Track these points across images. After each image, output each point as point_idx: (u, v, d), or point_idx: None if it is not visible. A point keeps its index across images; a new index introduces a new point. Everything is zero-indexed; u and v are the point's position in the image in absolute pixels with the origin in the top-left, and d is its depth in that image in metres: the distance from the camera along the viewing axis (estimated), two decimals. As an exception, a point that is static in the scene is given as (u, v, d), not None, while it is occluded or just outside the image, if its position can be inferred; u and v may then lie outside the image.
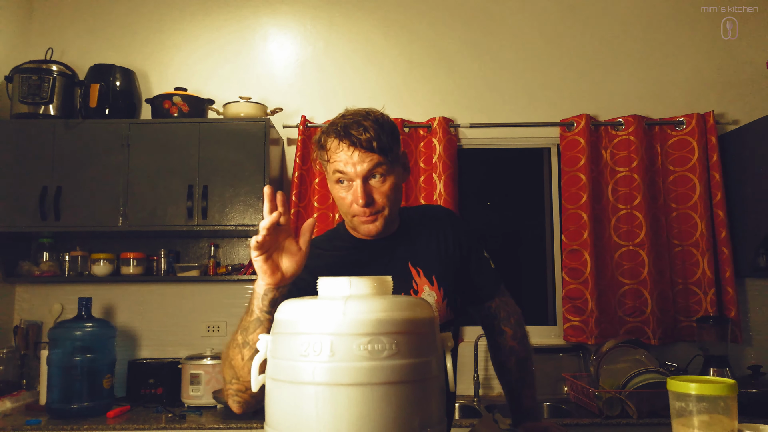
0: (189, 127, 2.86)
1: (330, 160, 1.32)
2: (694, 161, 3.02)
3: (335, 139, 1.31)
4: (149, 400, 2.79)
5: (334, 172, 1.32)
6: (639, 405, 2.46)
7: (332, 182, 1.36)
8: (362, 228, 1.37)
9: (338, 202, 1.37)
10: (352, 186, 1.32)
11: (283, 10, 3.31)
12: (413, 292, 1.40)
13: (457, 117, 3.19)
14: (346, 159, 1.30)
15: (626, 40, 3.27)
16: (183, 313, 3.12)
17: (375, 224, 1.36)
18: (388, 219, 1.37)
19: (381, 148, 1.30)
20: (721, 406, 1.02)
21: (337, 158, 1.31)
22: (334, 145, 1.31)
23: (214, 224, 2.79)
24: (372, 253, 1.42)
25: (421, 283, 1.41)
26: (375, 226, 1.36)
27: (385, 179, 1.33)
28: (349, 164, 1.30)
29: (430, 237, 1.48)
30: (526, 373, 1.59)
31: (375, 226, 1.36)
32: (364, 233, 1.38)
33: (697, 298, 2.97)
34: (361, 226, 1.37)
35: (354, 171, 1.30)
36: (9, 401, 2.63)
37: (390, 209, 1.36)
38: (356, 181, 1.31)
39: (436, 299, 1.41)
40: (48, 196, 2.79)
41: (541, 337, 3.16)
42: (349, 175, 1.31)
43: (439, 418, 0.95)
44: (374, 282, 0.98)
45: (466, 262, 1.52)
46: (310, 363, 0.88)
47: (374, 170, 1.31)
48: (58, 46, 3.18)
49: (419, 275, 1.42)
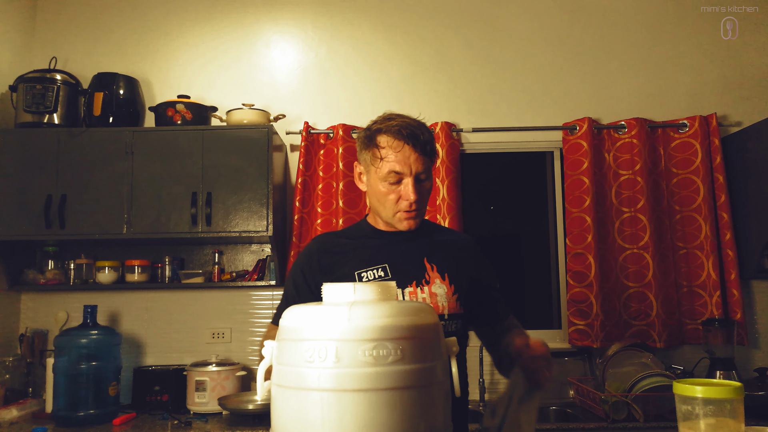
0: (192, 135, 2.87)
1: (385, 158, 1.43)
2: (697, 163, 3.02)
3: (395, 139, 1.43)
4: (155, 407, 2.79)
5: (390, 170, 1.43)
6: (645, 408, 2.45)
7: (380, 179, 1.46)
8: (403, 223, 1.49)
9: (381, 197, 1.48)
10: (401, 184, 1.44)
11: (285, 16, 3.32)
12: (425, 281, 1.47)
13: (459, 121, 3.19)
14: (404, 159, 1.42)
15: (628, 43, 3.27)
16: (188, 320, 3.12)
17: (415, 220, 1.49)
18: (423, 216, 1.52)
19: (431, 152, 1.47)
20: (728, 409, 1.02)
21: (395, 157, 1.42)
22: (393, 144, 1.43)
23: (218, 231, 2.80)
24: (392, 243, 1.53)
25: (433, 276, 1.49)
26: (415, 222, 1.49)
27: (428, 180, 1.48)
28: (406, 164, 1.42)
29: (450, 246, 1.58)
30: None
31: (415, 222, 1.49)
32: (405, 228, 1.49)
33: (703, 301, 2.96)
34: (403, 222, 1.48)
35: (409, 170, 1.43)
36: (15, 409, 2.63)
37: (425, 207, 1.52)
38: (407, 179, 1.43)
39: (447, 291, 1.49)
40: (53, 205, 2.80)
41: (546, 341, 3.14)
42: (404, 174, 1.43)
43: (444, 424, 0.95)
44: (379, 287, 0.98)
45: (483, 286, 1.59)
46: (315, 369, 0.88)
47: (424, 171, 1.45)
48: (61, 55, 3.20)
49: (432, 270, 1.50)
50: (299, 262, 1.59)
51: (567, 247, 3.06)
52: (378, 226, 1.57)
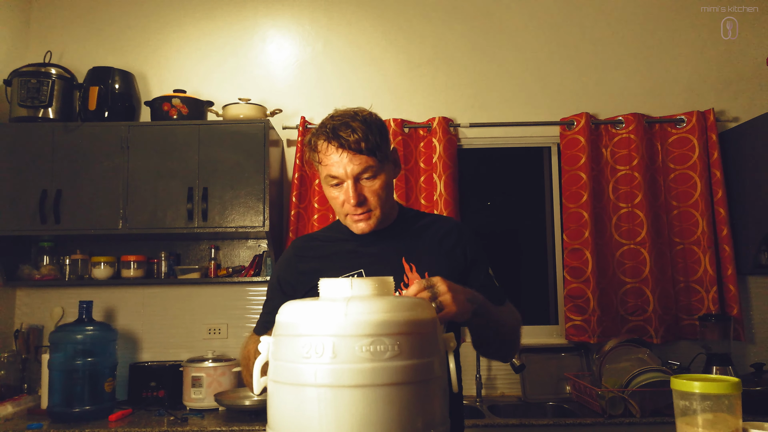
0: (188, 129, 2.85)
1: (321, 162, 1.37)
2: (694, 159, 3.02)
3: (324, 141, 1.35)
4: (151, 403, 2.79)
5: (326, 174, 1.37)
6: (642, 404, 2.45)
7: (324, 183, 1.41)
8: (355, 226, 1.42)
9: (331, 202, 1.43)
10: (343, 186, 1.37)
11: (282, 11, 3.31)
12: (403, 285, 1.40)
13: (456, 117, 3.18)
14: (337, 161, 1.34)
15: (626, 38, 3.26)
16: (184, 316, 3.12)
17: (368, 222, 1.41)
18: (381, 216, 1.42)
19: (369, 148, 1.33)
20: (726, 405, 1.02)
21: (328, 161, 1.35)
22: (324, 147, 1.35)
23: (215, 226, 2.79)
24: (369, 244, 1.46)
25: (413, 277, 1.41)
26: (368, 224, 1.41)
27: (375, 178, 1.37)
28: (340, 166, 1.34)
29: (432, 238, 1.49)
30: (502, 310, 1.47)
31: (368, 224, 1.41)
32: (358, 231, 1.42)
33: (699, 296, 2.96)
34: (354, 225, 1.42)
35: (344, 172, 1.34)
36: (10, 405, 2.62)
37: (382, 207, 1.41)
38: (347, 181, 1.35)
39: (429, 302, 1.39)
40: (48, 200, 2.78)
41: (542, 337, 3.16)
42: (340, 177, 1.35)
43: (442, 419, 0.95)
44: (376, 283, 0.98)
45: (469, 272, 1.49)
46: (312, 365, 0.88)
47: (364, 171, 1.35)
48: (56, 50, 3.18)
49: (411, 270, 1.42)
50: (276, 270, 1.55)
51: (564, 242, 3.06)
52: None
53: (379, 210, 1.40)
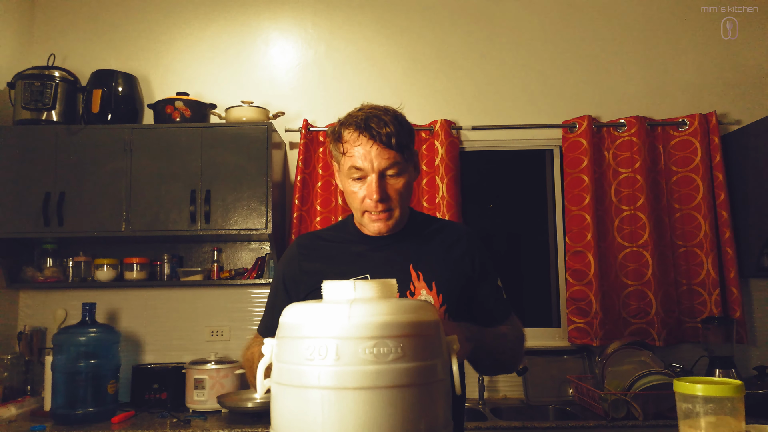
0: (191, 132, 2.86)
1: (346, 153, 1.32)
2: (697, 162, 3.02)
3: (354, 131, 1.31)
4: (153, 405, 2.79)
5: (351, 166, 1.31)
6: (645, 407, 2.45)
7: (345, 176, 1.34)
8: (372, 225, 1.37)
9: (350, 196, 1.37)
10: (366, 181, 1.32)
11: (285, 14, 3.32)
12: (409, 294, 1.37)
13: (459, 119, 3.19)
14: (364, 153, 1.29)
15: (628, 40, 3.26)
16: (186, 318, 3.12)
17: (386, 223, 1.36)
18: (399, 217, 1.37)
19: (399, 144, 1.30)
20: (728, 407, 1.02)
21: (355, 152, 1.30)
22: (353, 138, 1.31)
23: (217, 229, 2.79)
24: (375, 249, 1.42)
25: (419, 286, 1.38)
26: (386, 224, 1.36)
27: (399, 176, 1.33)
28: (367, 159, 1.29)
29: (441, 245, 1.45)
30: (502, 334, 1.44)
31: (386, 224, 1.36)
32: (374, 231, 1.37)
33: (702, 299, 2.96)
34: (372, 224, 1.37)
35: (371, 165, 1.30)
36: (14, 407, 2.63)
37: (401, 207, 1.37)
38: (372, 175, 1.31)
39: (433, 303, 1.38)
40: (51, 202, 2.79)
41: (545, 339, 3.15)
42: (366, 170, 1.30)
43: (445, 422, 0.95)
44: (379, 285, 0.98)
45: (477, 282, 1.46)
46: (315, 367, 0.88)
47: (391, 166, 1.31)
48: (60, 52, 3.19)
49: (418, 279, 1.39)
50: (280, 268, 1.51)
51: (566, 245, 3.06)
52: (362, 228, 1.45)
53: (399, 210, 1.36)
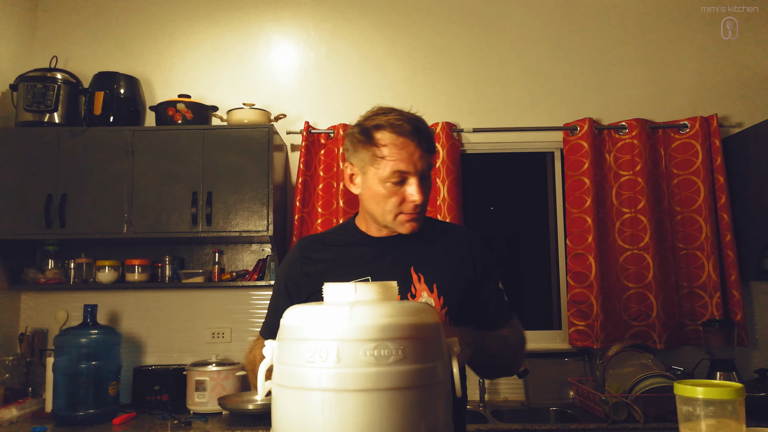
0: (193, 134, 2.86)
1: (386, 156, 1.32)
2: (698, 164, 3.02)
3: (398, 135, 1.33)
4: (154, 407, 2.79)
5: (394, 170, 1.33)
6: (646, 409, 2.45)
7: (382, 179, 1.35)
8: (406, 226, 1.39)
9: (382, 199, 1.37)
10: (406, 183, 1.34)
11: (286, 16, 3.32)
12: (410, 296, 1.38)
13: (460, 122, 3.19)
14: (408, 157, 1.32)
15: (628, 43, 3.27)
16: (188, 320, 3.12)
17: (418, 222, 1.39)
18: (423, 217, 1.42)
19: (433, 148, 1.38)
20: (729, 410, 1.02)
21: (399, 155, 1.32)
22: (397, 142, 1.33)
23: (219, 230, 2.80)
24: (377, 251, 1.43)
25: (420, 288, 1.39)
26: (418, 224, 1.39)
27: (428, 179, 1.38)
28: (411, 162, 1.32)
29: (442, 247, 1.47)
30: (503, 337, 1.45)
31: (418, 224, 1.39)
32: (407, 231, 1.39)
33: (703, 302, 2.96)
34: (405, 225, 1.38)
35: (414, 169, 1.33)
36: (15, 408, 2.63)
37: (426, 208, 1.41)
38: (413, 178, 1.33)
39: (434, 305, 1.39)
40: (53, 204, 2.80)
41: (546, 342, 3.15)
42: (409, 174, 1.33)
43: (445, 424, 0.95)
44: (380, 287, 0.98)
45: (479, 285, 1.47)
46: (316, 369, 0.88)
47: (427, 170, 1.36)
48: (62, 55, 3.20)
49: (419, 281, 1.40)
50: (281, 271, 1.51)
51: (567, 247, 3.06)
52: (369, 231, 1.46)
53: (425, 211, 1.41)
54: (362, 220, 1.49)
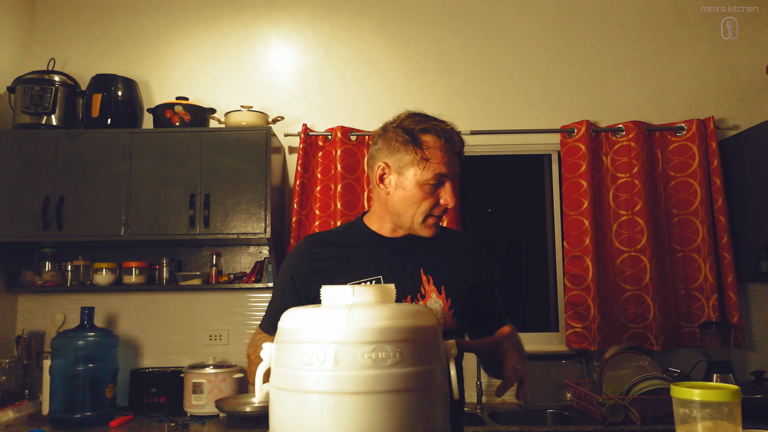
0: (191, 137, 2.86)
1: (431, 159, 1.37)
2: (694, 167, 3.03)
3: (439, 139, 1.39)
4: (152, 410, 2.79)
5: (436, 173, 1.37)
6: (643, 411, 2.45)
7: (420, 181, 1.39)
8: (430, 229, 1.42)
9: (415, 201, 1.40)
10: (442, 187, 1.39)
11: (284, 18, 3.32)
12: (420, 296, 1.41)
13: (458, 124, 3.18)
14: (448, 161, 1.39)
15: (626, 45, 3.28)
16: (185, 322, 3.12)
17: (438, 227, 1.45)
18: None
19: (462, 156, 1.45)
20: (725, 413, 1.02)
21: (442, 159, 1.38)
22: (440, 145, 1.39)
23: (216, 233, 2.80)
24: (389, 252, 1.46)
25: (429, 290, 1.42)
26: (438, 229, 1.45)
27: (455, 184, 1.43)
28: (450, 166, 1.39)
29: (448, 252, 1.51)
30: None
31: (438, 229, 1.45)
32: (429, 234, 1.43)
33: (700, 304, 2.97)
34: (431, 228, 1.42)
35: (453, 173, 1.40)
36: (12, 411, 2.63)
37: None
38: (449, 183, 1.39)
39: (442, 307, 1.42)
40: (50, 206, 2.79)
41: (543, 344, 3.16)
42: (448, 177, 1.39)
43: (443, 426, 0.95)
44: (377, 290, 0.98)
45: (482, 290, 1.52)
46: (314, 372, 0.88)
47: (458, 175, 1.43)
48: (60, 57, 3.19)
49: (429, 282, 1.43)
50: (289, 266, 1.49)
51: (565, 249, 3.06)
52: (381, 230, 1.48)
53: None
54: (375, 219, 1.50)
